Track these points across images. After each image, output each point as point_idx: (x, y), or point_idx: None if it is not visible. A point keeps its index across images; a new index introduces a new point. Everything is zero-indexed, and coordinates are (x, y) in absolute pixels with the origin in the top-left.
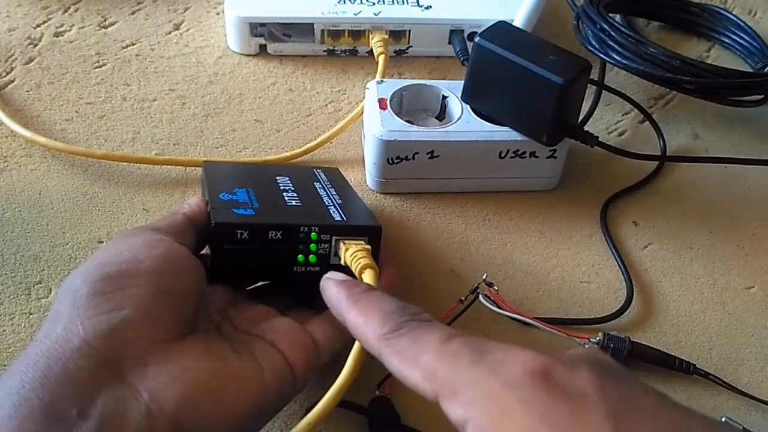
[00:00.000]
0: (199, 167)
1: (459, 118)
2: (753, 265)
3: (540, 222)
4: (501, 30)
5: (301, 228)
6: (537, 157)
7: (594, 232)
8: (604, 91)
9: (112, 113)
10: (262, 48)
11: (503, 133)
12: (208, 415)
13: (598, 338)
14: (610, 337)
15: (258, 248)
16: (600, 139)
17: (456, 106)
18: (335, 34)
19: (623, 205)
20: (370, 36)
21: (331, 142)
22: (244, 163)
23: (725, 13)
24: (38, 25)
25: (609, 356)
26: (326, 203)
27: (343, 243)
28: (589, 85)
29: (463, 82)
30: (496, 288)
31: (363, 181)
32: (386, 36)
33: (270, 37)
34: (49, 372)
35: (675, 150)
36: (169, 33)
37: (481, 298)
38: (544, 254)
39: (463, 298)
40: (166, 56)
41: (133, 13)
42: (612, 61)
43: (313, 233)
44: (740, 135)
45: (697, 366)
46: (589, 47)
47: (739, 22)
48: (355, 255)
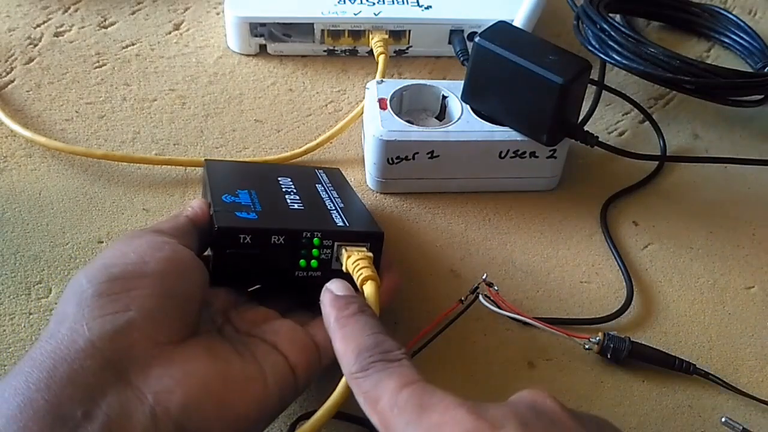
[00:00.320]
0: (199, 167)
1: (459, 118)
2: (753, 265)
3: (540, 222)
4: (501, 30)
5: (303, 233)
6: (537, 157)
7: (594, 232)
8: (604, 91)
9: (112, 113)
10: (262, 48)
11: (503, 133)
12: (211, 417)
13: (598, 338)
14: (610, 337)
15: (260, 252)
16: (600, 139)
17: (456, 106)
18: (335, 34)
19: (623, 205)
20: (370, 36)
21: (331, 142)
22: (246, 162)
23: (725, 13)
24: (38, 25)
25: (549, 401)
26: (328, 207)
27: (345, 250)
28: (589, 85)
29: (463, 82)
30: (496, 288)
31: (363, 181)
32: (386, 36)
33: (270, 37)
34: (54, 372)
35: (675, 150)
36: (169, 33)
37: (481, 298)
38: (544, 254)
39: (463, 298)
40: (166, 56)
41: (133, 13)
42: (612, 61)
43: (316, 238)
44: (740, 135)
45: (697, 366)
46: (589, 47)
47: (739, 22)
48: (356, 264)
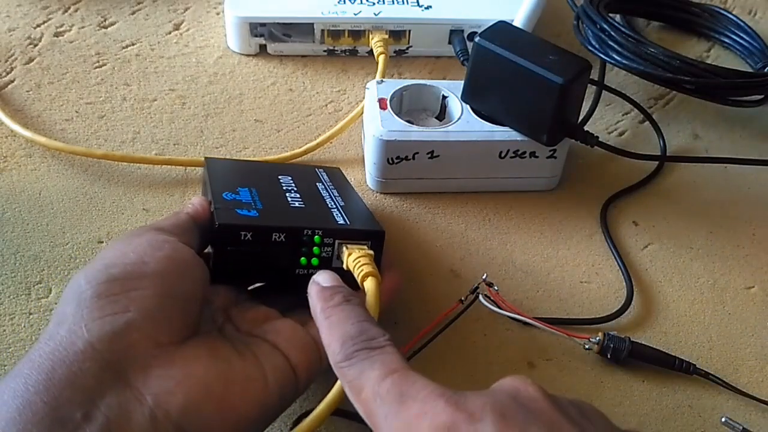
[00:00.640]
0: (199, 167)
1: (459, 118)
2: (753, 265)
3: (540, 222)
4: (501, 30)
5: (304, 231)
6: (537, 157)
7: (594, 232)
8: (604, 91)
9: (112, 113)
10: (262, 48)
11: (503, 133)
12: (212, 418)
13: (598, 338)
14: (610, 337)
15: (261, 250)
16: (600, 139)
17: (456, 106)
18: (335, 34)
19: (623, 205)
20: (370, 36)
21: (331, 142)
22: (246, 160)
23: (725, 13)
24: (38, 25)
25: (531, 389)
26: (329, 205)
27: (346, 247)
28: (589, 85)
29: (463, 82)
30: (496, 288)
31: (363, 181)
32: (386, 36)
33: (270, 37)
34: (53, 375)
35: (675, 150)
36: (169, 33)
37: (481, 298)
38: (544, 254)
39: (463, 298)
40: (166, 56)
41: (133, 13)
42: (612, 61)
43: (317, 236)
44: (740, 135)
45: (697, 366)
46: (589, 47)
47: (739, 22)
48: (357, 261)
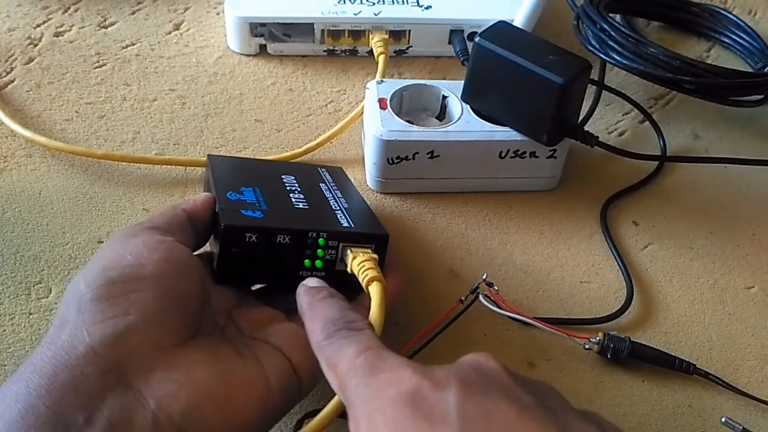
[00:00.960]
0: (200, 167)
1: (459, 118)
2: (753, 265)
3: (540, 222)
4: (501, 30)
5: (309, 233)
6: (537, 157)
7: (594, 232)
8: (604, 91)
9: (112, 113)
10: (262, 48)
11: (503, 133)
12: (214, 421)
13: (598, 338)
14: (610, 337)
15: (265, 252)
16: (600, 139)
17: (456, 106)
18: (335, 34)
19: (623, 205)
20: (370, 36)
21: (331, 142)
22: (249, 158)
23: (725, 13)
24: (38, 25)
25: (492, 362)
26: (333, 207)
27: (351, 251)
28: (589, 85)
29: (463, 82)
30: (496, 288)
31: (363, 181)
32: (386, 36)
33: (270, 37)
34: (55, 378)
35: (675, 150)
36: (169, 33)
37: (481, 298)
38: (544, 254)
39: (463, 298)
40: (166, 56)
41: (133, 13)
42: (612, 61)
43: (321, 239)
44: (740, 135)
45: (697, 366)
46: (589, 47)
47: (739, 22)
48: (362, 265)
